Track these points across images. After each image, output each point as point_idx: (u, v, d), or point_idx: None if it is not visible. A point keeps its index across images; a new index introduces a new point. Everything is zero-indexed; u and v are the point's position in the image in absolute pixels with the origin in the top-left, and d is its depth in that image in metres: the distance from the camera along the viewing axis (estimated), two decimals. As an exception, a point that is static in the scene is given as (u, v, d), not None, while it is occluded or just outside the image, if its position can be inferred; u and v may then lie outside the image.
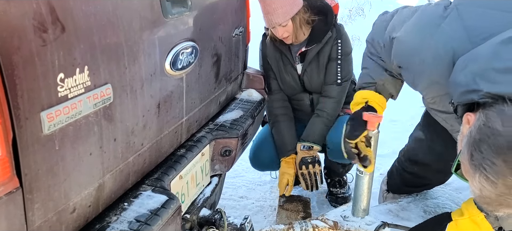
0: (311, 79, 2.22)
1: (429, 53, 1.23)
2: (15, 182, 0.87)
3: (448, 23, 1.21)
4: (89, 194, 1.10)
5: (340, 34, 2.17)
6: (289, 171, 2.26)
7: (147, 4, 1.25)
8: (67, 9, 0.95)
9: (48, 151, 0.93)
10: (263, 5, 2.05)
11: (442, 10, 1.24)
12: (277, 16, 2.02)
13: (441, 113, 1.44)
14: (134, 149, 1.27)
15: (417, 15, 1.34)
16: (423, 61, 1.25)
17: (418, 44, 1.27)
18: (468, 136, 1.02)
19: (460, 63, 1.12)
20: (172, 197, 1.31)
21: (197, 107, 1.65)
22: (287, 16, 2.02)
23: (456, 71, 1.13)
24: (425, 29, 1.27)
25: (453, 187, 2.06)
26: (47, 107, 0.91)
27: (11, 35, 0.81)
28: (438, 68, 1.22)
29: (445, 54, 1.19)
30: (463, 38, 1.16)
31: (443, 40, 1.20)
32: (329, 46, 2.16)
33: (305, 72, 2.20)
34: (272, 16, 2.03)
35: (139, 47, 1.21)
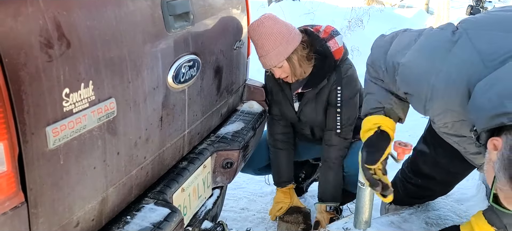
0: (308, 119, 2.14)
1: (440, 79, 1.19)
2: (21, 197, 0.87)
3: (460, 48, 1.17)
4: (92, 207, 1.11)
5: (341, 79, 1.99)
6: (286, 201, 2.28)
7: (150, 19, 1.26)
8: (73, 25, 0.96)
9: (53, 165, 0.94)
10: (255, 48, 1.93)
11: (451, 35, 1.21)
12: (270, 59, 1.88)
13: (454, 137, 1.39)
14: (137, 162, 1.28)
15: (423, 40, 1.29)
16: (433, 87, 1.21)
17: (427, 70, 1.22)
18: (501, 160, 1.00)
19: (481, 88, 1.08)
20: (174, 210, 1.31)
21: (199, 119, 1.66)
22: (281, 58, 1.87)
23: (478, 96, 1.09)
24: (434, 54, 1.22)
25: (455, 199, 2.06)
26: (53, 122, 0.91)
27: (18, 52, 0.83)
28: (452, 94, 1.18)
29: (459, 80, 1.15)
30: (476, 62, 1.12)
31: (456, 65, 1.16)
32: (327, 91, 2.02)
33: (301, 111, 2.12)
34: (264, 59, 1.90)
35: (142, 61, 1.22)
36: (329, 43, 1.97)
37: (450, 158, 1.65)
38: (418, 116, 3.36)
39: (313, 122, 2.16)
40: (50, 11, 0.90)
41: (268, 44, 1.86)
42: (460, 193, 2.10)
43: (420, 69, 1.25)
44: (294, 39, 1.89)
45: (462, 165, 1.64)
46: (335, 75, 1.99)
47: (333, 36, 1.99)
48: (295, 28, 1.95)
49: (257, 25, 1.87)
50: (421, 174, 1.84)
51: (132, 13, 1.18)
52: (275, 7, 8.25)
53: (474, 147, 1.31)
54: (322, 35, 2.00)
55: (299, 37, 1.92)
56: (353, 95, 2.03)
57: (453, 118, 1.27)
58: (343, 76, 1.99)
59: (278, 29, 1.87)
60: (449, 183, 1.87)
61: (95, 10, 1.05)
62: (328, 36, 1.98)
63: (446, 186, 1.88)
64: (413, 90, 1.30)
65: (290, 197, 2.29)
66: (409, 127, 1.48)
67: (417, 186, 1.88)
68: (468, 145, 1.36)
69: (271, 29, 1.85)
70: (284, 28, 1.89)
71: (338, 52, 1.98)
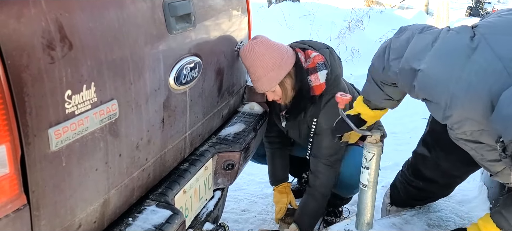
0: (294, 138, 2.15)
1: (460, 87, 1.14)
2: (23, 199, 0.87)
3: (480, 54, 1.13)
4: (94, 209, 1.10)
5: (318, 112, 1.94)
6: (283, 199, 2.27)
7: (152, 20, 1.26)
8: (75, 26, 0.96)
9: (55, 167, 0.94)
10: (248, 73, 1.92)
11: (469, 41, 1.16)
12: (262, 84, 1.86)
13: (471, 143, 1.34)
14: (139, 163, 1.28)
15: (440, 45, 1.24)
16: (453, 95, 1.17)
17: (446, 77, 1.18)
18: None
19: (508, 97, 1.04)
20: (176, 212, 1.31)
21: (200, 121, 1.66)
22: (273, 83, 1.85)
23: (505, 105, 1.04)
24: (452, 61, 1.18)
25: (456, 200, 2.06)
26: (55, 124, 0.91)
27: (20, 53, 0.82)
28: (472, 102, 1.14)
29: (480, 88, 1.11)
30: (499, 69, 1.08)
31: (476, 72, 1.12)
32: (305, 124, 2.00)
33: (288, 131, 2.12)
34: (257, 84, 1.88)
35: (144, 63, 1.22)
36: (311, 77, 1.89)
37: (451, 161, 1.65)
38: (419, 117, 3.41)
39: (299, 141, 2.16)
40: (52, 12, 0.90)
41: (259, 70, 1.83)
42: (462, 194, 2.09)
43: (439, 76, 1.21)
44: (286, 64, 1.85)
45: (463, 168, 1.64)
46: (313, 108, 1.95)
47: (317, 70, 1.89)
48: (287, 51, 1.89)
49: (248, 51, 1.83)
50: (422, 176, 1.84)
51: (134, 14, 1.18)
52: (275, 9, 8.26)
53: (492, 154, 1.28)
54: (309, 64, 1.91)
55: (292, 60, 1.87)
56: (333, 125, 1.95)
57: (472, 127, 1.22)
58: (322, 107, 1.94)
59: (270, 54, 1.83)
60: (450, 185, 1.87)
61: (97, 12, 1.05)
62: (312, 69, 1.90)
63: (447, 188, 1.87)
64: (432, 97, 1.26)
65: (286, 195, 2.29)
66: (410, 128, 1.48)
67: (418, 188, 1.88)
68: (486, 152, 1.32)
69: (262, 56, 1.82)
70: (276, 52, 1.85)
71: (318, 88, 1.90)
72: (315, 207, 2.07)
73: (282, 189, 2.29)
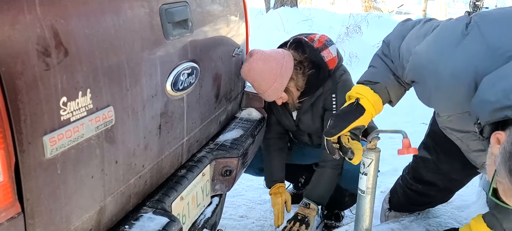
0: (306, 127, 2.17)
1: (447, 69, 1.20)
2: (17, 207, 0.86)
3: (470, 41, 1.17)
4: (90, 217, 1.09)
5: (336, 86, 2.01)
6: (278, 201, 2.25)
7: (149, 26, 1.26)
8: (70, 33, 0.96)
9: (50, 175, 0.93)
10: (254, 87, 1.99)
11: (463, 27, 1.21)
12: (268, 96, 1.96)
13: (457, 132, 1.40)
14: (136, 170, 1.27)
15: (438, 30, 1.30)
16: (440, 77, 1.22)
17: (436, 59, 1.23)
18: (503, 153, 1.01)
19: (488, 81, 1.10)
20: (173, 219, 1.30)
21: (198, 127, 1.65)
22: (279, 92, 1.94)
23: (484, 89, 1.11)
24: (444, 44, 1.23)
25: (455, 206, 2.05)
26: (50, 131, 0.90)
27: (15, 60, 0.82)
28: (457, 85, 1.19)
29: (465, 72, 1.16)
30: (486, 56, 1.13)
31: (464, 57, 1.17)
32: (323, 98, 2.05)
33: (300, 120, 2.16)
34: (264, 96, 1.98)
35: (141, 69, 1.22)
36: (323, 53, 1.99)
37: (451, 164, 1.64)
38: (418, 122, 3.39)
39: (310, 130, 2.18)
40: (47, 19, 0.89)
41: (263, 84, 1.91)
42: (461, 200, 2.09)
43: (429, 58, 1.25)
44: (286, 70, 1.91)
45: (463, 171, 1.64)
46: (329, 83, 2.01)
47: (327, 46, 2.00)
48: (285, 56, 1.94)
49: (248, 70, 1.91)
50: (422, 180, 1.83)
51: (131, 20, 1.18)
52: (273, 14, 8.27)
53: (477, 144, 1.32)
54: (317, 44, 2.02)
55: (291, 65, 1.93)
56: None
57: (456, 110, 1.27)
58: (338, 82, 2.02)
59: (269, 67, 1.89)
60: (450, 190, 1.87)
61: (93, 18, 1.04)
62: (322, 46, 2.00)
63: (447, 192, 1.87)
64: (420, 78, 1.31)
65: (280, 195, 2.26)
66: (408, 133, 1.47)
67: (418, 192, 1.87)
68: (471, 142, 1.37)
69: (262, 70, 1.89)
70: (274, 63, 1.90)
71: (332, 62, 1.99)
72: (326, 179, 2.11)
73: (276, 190, 2.28)
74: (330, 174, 2.10)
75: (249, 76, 1.94)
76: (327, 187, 2.13)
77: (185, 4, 1.44)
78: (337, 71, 2.03)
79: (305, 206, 2.12)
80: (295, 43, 2.03)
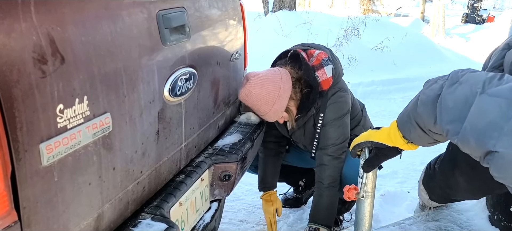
0: (299, 141, 2.18)
1: None
2: (14, 216, 0.85)
3: None
4: (88, 224, 1.09)
5: (325, 106, 1.99)
6: (270, 209, 2.24)
7: (146, 32, 1.25)
8: (67, 40, 0.95)
9: (47, 182, 0.92)
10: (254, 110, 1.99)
11: None
12: (270, 117, 1.97)
13: None
14: (133, 177, 1.26)
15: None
16: None
17: None
18: None
19: None
20: (171, 225, 1.29)
21: (196, 132, 1.65)
22: (279, 113, 1.95)
23: None
24: None
25: (455, 209, 2.04)
26: (46, 139, 0.90)
27: (10, 68, 0.81)
28: None
29: None
30: None
31: None
32: (313, 118, 2.05)
33: (294, 134, 2.17)
34: (265, 117, 1.98)
35: (138, 75, 1.21)
36: (317, 73, 1.95)
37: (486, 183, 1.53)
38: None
39: (304, 144, 2.18)
40: (43, 27, 0.89)
41: (263, 108, 1.92)
42: (461, 202, 2.08)
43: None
44: (285, 91, 1.90)
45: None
46: (319, 102, 2.00)
47: (323, 66, 1.96)
48: (281, 77, 1.91)
49: (246, 96, 1.91)
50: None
51: (128, 27, 1.17)
52: (272, 18, 8.28)
53: None
54: (314, 62, 1.98)
55: (289, 84, 1.92)
56: (339, 116, 2.01)
57: None
58: (328, 103, 1.99)
59: (266, 90, 1.89)
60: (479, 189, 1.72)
61: (90, 25, 1.04)
62: (318, 65, 1.96)
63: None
64: (510, 180, 1.08)
65: (272, 203, 2.26)
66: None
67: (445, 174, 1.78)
68: None
69: (260, 95, 1.89)
70: (272, 86, 1.89)
71: (326, 82, 1.95)
72: (327, 199, 2.07)
73: (268, 197, 2.28)
74: (330, 193, 2.06)
75: (249, 102, 1.94)
76: (329, 208, 2.09)
77: (182, 9, 1.44)
78: (330, 90, 1.99)
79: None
80: (293, 57, 2.01)
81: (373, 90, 5.76)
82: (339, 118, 2.01)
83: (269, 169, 2.30)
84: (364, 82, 5.81)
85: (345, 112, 2.03)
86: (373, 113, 4.68)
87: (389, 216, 2.45)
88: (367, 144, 1.51)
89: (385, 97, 5.71)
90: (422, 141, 1.36)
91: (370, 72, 6.45)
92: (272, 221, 2.25)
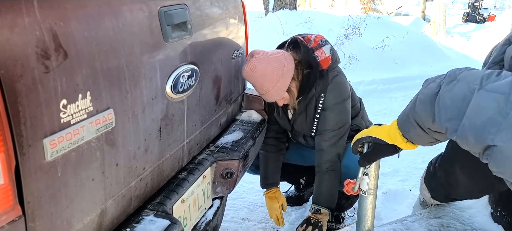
0: (301, 128, 2.18)
1: None
2: (18, 210, 0.86)
3: None
4: (91, 220, 1.09)
5: (325, 87, 2.01)
6: (275, 206, 2.26)
7: (148, 29, 1.26)
8: (70, 36, 0.96)
9: (51, 177, 0.93)
10: (255, 88, 1.99)
11: None
12: (271, 96, 1.95)
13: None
14: (136, 173, 1.27)
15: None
16: None
17: None
18: None
19: None
20: (174, 222, 1.29)
21: (198, 129, 1.65)
22: (281, 92, 1.95)
23: None
24: None
25: (457, 206, 2.04)
26: (50, 134, 0.90)
27: (14, 63, 0.82)
28: None
29: None
30: None
31: None
32: (314, 99, 2.05)
33: (295, 121, 2.17)
34: (266, 96, 1.97)
35: (140, 72, 1.22)
36: (316, 52, 1.99)
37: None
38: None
39: (304, 131, 2.19)
40: (47, 22, 0.89)
41: (266, 84, 1.91)
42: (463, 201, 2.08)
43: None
44: (289, 71, 1.93)
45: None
46: (321, 83, 2.02)
47: (321, 46, 2.01)
48: (285, 57, 1.95)
49: (250, 70, 1.90)
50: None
51: (130, 23, 1.18)
52: (272, 17, 8.28)
53: None
54: (312, 44, 2.03)
55: (292, 65, 1.95)
56: (341, 100, 2.05)
57: None
58: (329, 87, 2.02)
59: (272, 67, 1.90)
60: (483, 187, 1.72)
61: (93, 21, 1.04)
62: (317, 46, 2.01)
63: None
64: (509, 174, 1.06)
65: (277, 200, 2.28)
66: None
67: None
68: None
69: (265, 71, 1.89)
70: (276, 63, 1.91)
71: (325, 61, 2.00)
72: (327, 183, 2.10)
73: (272, 194, 2.28)
74: (330, 177, 2.09)
75: (251, 77, 1.92)
76: (330, 190, 2.12)
77: (184, 6, 1.44)
78: (330, 73, 2.04)
79: (316, 212, 2.12)
80: (292, 43, 2.04)
81: (374, 89, 5.76)
82: (340, 103, 2.04)
83: (270, 165, 2.30)
84: (365, 81, 5.81)
85: (345, 97, 2.06)
86: (374, 112, 4.68)
87: (391, 214, 2.45)
88: (367, 139, 1.52)
89: (386, 96, 5.71)
90: (422, 140, 1.36)
91: (371, 71, 6.45)
92: (279, 217, 2.26)
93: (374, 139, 1.50)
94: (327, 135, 2.05)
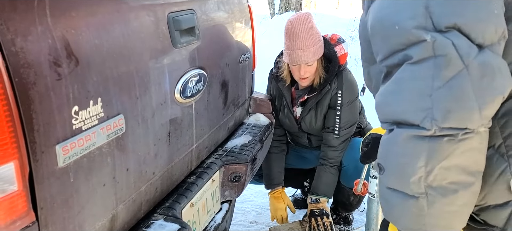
0: (309, 125, 2.21)
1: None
2: (32, 216, 0.87)
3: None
4: (102, 225, 1.10)
5: (342, 84, 2.09)
6: (281, 205, 2.28)
7: (157, 35, 1.27)
8: (81, 43, 0.97)
9: (63, 183, 0.94)
10: (294, 41, 1.97)
11: None
12: (308, 54, 1.97)
13: None
14: (146, 178, 1.28)
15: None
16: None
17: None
18: None
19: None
20: (184, 226, 1.30)
21: (206, 134, 1.66)
22: (317, 55, 2.00)
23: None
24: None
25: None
26: (62, 140, 0.91)
27: (27, 71, 0.83)
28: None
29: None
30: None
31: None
32: (329, 96, 2.11)
33: (304, 118, 2.19)
34: (303, 52, 1.96)
35: (150, 77, 1.23)
36: (336, 48, 2.09)
37: None
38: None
39: (312, 130, 2.22)
40: (58, 30, 0.91)
41: (311, 39, 1.97)
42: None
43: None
44: (322, 46, 2.04)
45: None
46: (337, 80, 2.09)
47: (340, 42, 2.12)
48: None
49: (304, 19, 1.98)
50: None
51: (139, 30, 1.19)
52: (278, 19, 8.29)
53: None
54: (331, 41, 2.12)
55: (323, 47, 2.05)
56: (353, 99, 2.13)
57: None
58: (345, 81, 2.10)
59: (317, 29, 2.02)
60: None
61: (103, 28, 1.05)
62: (336, 43, 2.11)
63: None
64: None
65: (282, 200, 2.30)
66: None
67: None
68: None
69: (313, 26, 1.99)
70: (318, 31, 2.03)
71: (343, 57, 2.10)
72: (329, 175, 2.19)
73: (278, 194, 2.30)
74: (330, 170, 2.18)
75: (303, 26, 1.96)
76: (329, 181, 2.20)
77: (192, 12, 1.45)
78: (344, 71, 2.12)
79: (316, 202, 2.18)
80: None
81: (380, 91, 5.73)
82: (354, 101, 2.13)
83: (274, 165, 2.32)
84: (372, 83, 5.78)
85: (357, 96, 2.15)
86: (381, 114, 4.66)
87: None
88: (368, 137, 1.52)
89: (392, 97, 5.67)
90: None
91: (378, 72, 6.41)
92: (284, 217, 2.26)
93: (373, 135, 1.51)
94: (341, 132, 2.11)
